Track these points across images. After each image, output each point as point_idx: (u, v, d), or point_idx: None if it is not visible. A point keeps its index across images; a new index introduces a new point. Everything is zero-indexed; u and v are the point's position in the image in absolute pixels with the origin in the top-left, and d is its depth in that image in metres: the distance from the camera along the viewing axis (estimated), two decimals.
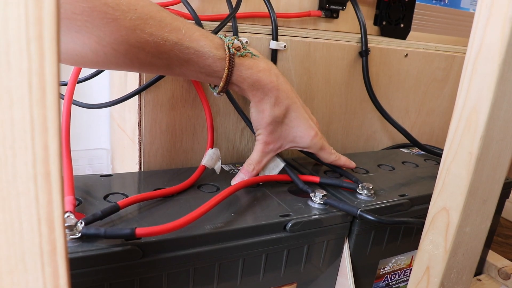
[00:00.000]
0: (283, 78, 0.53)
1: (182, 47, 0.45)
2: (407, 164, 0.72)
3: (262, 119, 0.53)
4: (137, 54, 0.44)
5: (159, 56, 0.45)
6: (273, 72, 0.52)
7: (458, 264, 0.42)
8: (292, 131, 0.54)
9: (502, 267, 0.76)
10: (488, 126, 0.36)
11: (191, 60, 0.47)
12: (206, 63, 0.47)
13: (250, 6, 0.69)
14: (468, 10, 0.90)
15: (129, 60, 0.44)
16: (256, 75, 0.50)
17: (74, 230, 0.38)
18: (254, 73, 0.50)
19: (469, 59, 0.36)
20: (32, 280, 0.23)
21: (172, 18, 0.45)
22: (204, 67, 0.48)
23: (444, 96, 0.89)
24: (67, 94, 0.52)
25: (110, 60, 0.44)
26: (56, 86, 0.21)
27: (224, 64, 0.48)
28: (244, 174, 0.56)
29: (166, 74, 0.55)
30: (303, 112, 0.54)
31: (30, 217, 0.22)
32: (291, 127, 0.54)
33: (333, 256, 0.55)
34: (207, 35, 0.48)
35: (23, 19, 0.20)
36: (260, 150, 0.55)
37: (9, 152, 0.21)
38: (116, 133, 0.77)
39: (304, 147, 0.56)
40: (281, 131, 0.54)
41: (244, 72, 0.50)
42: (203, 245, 0.43)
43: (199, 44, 0.46)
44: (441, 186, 0.40)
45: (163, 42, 0.44)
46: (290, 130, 0.54)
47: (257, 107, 0.53)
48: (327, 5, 0.76)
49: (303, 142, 0.55)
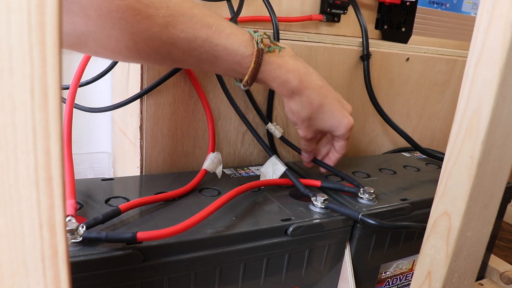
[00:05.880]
0: (311, 75, 0.54)
1: (212, 44, 0.46)
2: (408, 168, 0.72)
3: (296, 117, 0.55)
4: (169, 50, 0.45)
5: (190, 53, 0.46)
6: (302, 71, 0.52)
7: (460, 268, 0.42)
8: (328, 123, 0.56)
9: (504, 271, 0.76)
10: (489, 131, 0.36)
11: (221, 57, 0.48)
12: (235, 60, 0.48)
13: (252, 10, 0.69)
14: (469, 14, 0.90)
15: (162, 56, 0.46)
16: (285, 76, 0.51)
17: (76, 234, 0.38)
18: (283, 73, 0.51)
19: (470, 63, 0.36)
20: (33, 284, 0.23)
21: (204, 15, 0.46)
22: (234, 64, 0.49)
23: (445, 100, 0.89)
24: (69, 98, 0.52)
25: (143, 56, 0.45)
26: (58, 91, 0.21)
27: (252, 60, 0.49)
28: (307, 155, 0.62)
29: (198, 70, 0.56)
30: (336, 104, 0.56)
31: (32, 221, 0.22)
32: (325, 120, 0.56)
33: (335, 260, 0.55)
34: (237, 32, 0.49)
35: (26, 24, 0.20)
36: (305, 140, 0.59)
37: (11, 156, 0.21)
38: (118, 137, 0.77)
39: (341, 135, 0.58)
40: (317, 125, 0.56)
41: (273, 71, 0.51)
42: (205, 249, 0.43)
43: (229, 41, 0.47)
44: (442, 190, 0.40)
45: (194, 38, 0.45)
46: (326, 123, 0.56)
47: (289, 106, 0.54)
48: (329, 9, 0.77)
49: (339, 131, 0.57)
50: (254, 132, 0.63)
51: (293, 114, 0.55)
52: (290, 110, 0.55)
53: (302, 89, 0.52)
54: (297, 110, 0.54)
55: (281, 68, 0.51)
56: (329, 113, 0.55)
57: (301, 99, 0.53)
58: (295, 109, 0.54)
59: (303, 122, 0.55)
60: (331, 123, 0.56)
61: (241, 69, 0.49)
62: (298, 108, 0.54)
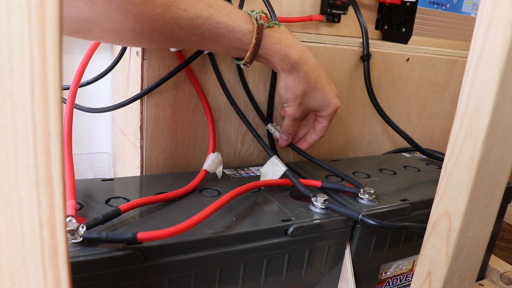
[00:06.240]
0: (308, 52, 0.55)
1: (214, 21, 0.48)
2: (408, 169, 0.72)
3: (291, 93, 0.56)
4: (172, 30, 0.46)
5: (193, 32, 0.47)
6: (300, 47, 0.54)
7: (460, 269, 0.42)
8: (319, 101, 0.58)
9: (505, 272, 0.76)
10: (489, 131, 0.36)
11: (222, 34, 0.49)
12: (236, 36, 0.50)
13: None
14: (469, 15, 0.90)
15: (165, 36, 0.47)
16: (285, 50, 0.52)
17: (76, 235, 0.38)
18: (283, 47, 0.52)
19: (470, 63, 0.36)
20: (33, 284, 0.23)
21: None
22: (235, 41, 0.50)
23: (445, 100, 0.89)
24: (69, 98, 0.52)
25: (146, 37, 0.46)
26: (59, 92, 0.21)
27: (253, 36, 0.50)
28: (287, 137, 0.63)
29: (199, 49, 0.57)
30: (326, 84, 0.58)
31: (32, 221, 0.22)
32: (317, 98, 0.57)
33: (335, 260, 0.55)
34: (236, 11, 0.50)
35: (26, 25, 0.20)
36: (291, 119, 0.60)
37: (11, 157, 0.21)
38: (118, 137, 0.77)
39: (327, 115, 0.60)
40: (308, 103, 0.58)
41: (274, 46, 0.52)
42: (205, 249, 0.43)
43: (230, 19, 0.49)
44: (442, 190, 0.40)
45: (196, 17, 0.46)
46: (317, 101, 0.58)
47: (286, 81, 0.55)
48: (329, 9, 0.77)
49: (327, 110, 0.59)
50: (255, 132, 0.63)
51: (288, 90, 0.56)
52: (286, 86, 0.56)
53: (301, 64, 0.54)
54: (293, 85, 0.55)
55: (280, 43, 0.52)
56: (321, 91, 0.57)
57: (298, 75, 0.54)
58: (291, 85, 0.55)
59: (296, 98, 0.56)
60: (321, 102, 0.58)
61: (242, 45, 0.51)
62: (294, 83, 0.55)
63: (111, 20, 0.43)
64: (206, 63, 0.60)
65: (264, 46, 0.51)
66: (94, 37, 0.47)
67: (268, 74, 0.65)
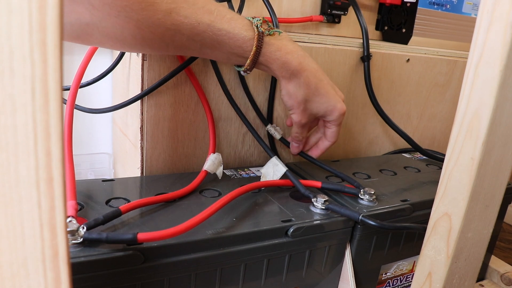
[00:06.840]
0: (309, 58, 0.55)
1: (215, 28, 0.48)
2: (409, 169, 0.72)
3: (294, 100, 0.56)
4: (173, 36, 0.46)
5: (193, 38, 0.47)
6: (300, 53, 0.54)
7: (460, 269, 0.42)
8: (323, 107, 0.57)
9: (505, 272, 0.76)
10: (490, 132, 0.36)
11: (223, 41, 0.49)
12: (237, 43, 0.50)
13: (252, 11, 0.69)
14: (469, 15, 0.90)
15: (165, 43, 0.47)
16: (285, 57, 0.52)
17: (76, 235, 0.38)
18: (283, 55, 0.52)
19: (470, 64, 0.36)
20: (34, 285, 0.23)
21: (204, 1, 0.47)
22: (235, 48, 0.50)
23: (445, 101, 0.89)
24: (70, 99, 0.52)
25: (147, 43, 0.46)
26: (59, 92, 0.21)
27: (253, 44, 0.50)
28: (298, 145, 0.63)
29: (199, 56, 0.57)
30: (330, 89, 0.57)
31: (32, 222, 0.22)
32: (321, 103, 0.57)
33: (335, 261, 0.55)
34: (237, 18, 0.50)
35: (27, 26, 0.20)
36: (298, 126, 0.60)
37: (11, 157, 0.21)
38: (118, 138, 0.77)
39: (333, 120, 0.59)
40: (312, 108, 0.57)
41: (274, 53, 0.52)
42: (205, 250, 0.43)
43: (231, 26, 0.49)
44: (443, 191, 0.40)
45: (197, 24, 0.46)
46: (321, 107, 0.57)
47: (287, 89, 0.55)
48: (329, 10, 0.77)
49: (333, 115, 0.58)
50: (255, 133, 0.63)
51: (290, 97, 0.56)
52: (288, 93, 0.56)
53: (301, 71, 0.54)
54: (294, 91, 0.55)
55: (280, 50, 0.52)
56: (324, 96, 0.56)
57: (299, 81, 0.54)
58: (292, 91, 0.55)
59: (299, 105, 0.56)
60: (326, 107, 0.57)
61: (243, 52, 0.51)
62: (295, 90, 0.55)
63: (112, 26, 0.43)
64: (206, 64, 0.60)
65: (265, 54, 0.51)
66: (94, 42, 0.47)
67: (268, 75, 0.65)
